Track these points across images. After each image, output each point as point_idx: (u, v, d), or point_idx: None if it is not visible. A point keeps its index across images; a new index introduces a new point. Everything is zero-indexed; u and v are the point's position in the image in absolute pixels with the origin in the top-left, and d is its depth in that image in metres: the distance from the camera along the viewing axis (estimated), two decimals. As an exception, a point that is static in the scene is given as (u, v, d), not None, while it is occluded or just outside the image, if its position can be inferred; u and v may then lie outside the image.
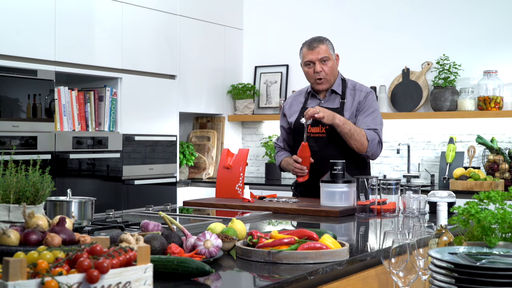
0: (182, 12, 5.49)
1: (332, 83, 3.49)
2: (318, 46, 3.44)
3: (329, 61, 3.44)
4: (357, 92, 3.47)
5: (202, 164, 5.81)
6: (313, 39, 3.50)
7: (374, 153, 3.40)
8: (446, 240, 1.98)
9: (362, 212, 3.00)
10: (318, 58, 3.43)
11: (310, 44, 3.47)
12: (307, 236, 1.98)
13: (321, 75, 3.43)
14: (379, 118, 3.46)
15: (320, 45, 3.44)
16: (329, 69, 3.44)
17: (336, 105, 3.46)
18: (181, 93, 5.47)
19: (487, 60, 5.14)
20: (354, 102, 3.44)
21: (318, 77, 3.44)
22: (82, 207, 2.41)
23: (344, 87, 3.50)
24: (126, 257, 1.36)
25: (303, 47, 3.52)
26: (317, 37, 3.52)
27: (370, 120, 3.41)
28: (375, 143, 3.36)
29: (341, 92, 3.49)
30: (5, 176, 1.94)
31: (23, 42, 4.25)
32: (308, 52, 3.46)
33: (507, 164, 4.78)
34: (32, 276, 1.24)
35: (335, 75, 3.50)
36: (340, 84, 3.51)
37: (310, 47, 3.46)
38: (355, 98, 3.46)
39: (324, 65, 3.43)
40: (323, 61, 3.43)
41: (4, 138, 4.07)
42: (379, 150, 3.42)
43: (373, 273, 2.12)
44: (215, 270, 1.75)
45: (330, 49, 3.47)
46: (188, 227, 2.32)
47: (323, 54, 3.43)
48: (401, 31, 5.50)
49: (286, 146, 3.68)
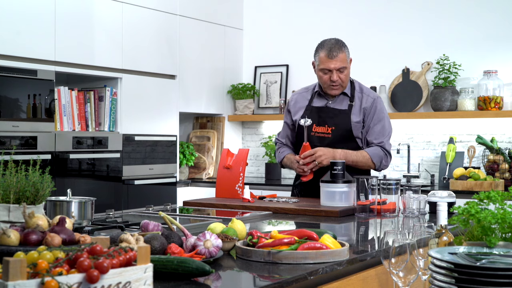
0: (182, 12, 5.49)
1: (345, 88, 3.47)
2: (338, 55, 3.35)
3: (345, 70, 3.39)
4: (365, 96, 3.47)
5: (202, 164, 5.81)
6: (333, 45, 3.37)
7: (383, 168, 3.48)
8: (446, 240, 1.98)
9: (362, 212, 3.00)
10: (336, 68, 3.36)
11: (330, 51, 3.35)
12: (307, 236, 1.98)
13: (337, 83, 3.40)
14: (387, 127, 3.47)
15: (339, 54, 3.35)
16: (345, 77, 3.40)
17: (344, 106, 3.45)
18: (181, 93, 5.47)
19: (487, 60, 5.14)
20: (361, 107, 3.44)
21: (333, 84, 3.40)
22: (82, 207, 2.41)
23: (353, 89, 3.49)
24: (126, 257, 1.36)
25: (321, 50, 3.40)
26: (336, 42, 3.39)
27: (378, 131, 3.43)
28: (381, 161, 3.43)
29: (350, 94, 3.48)
30: (5, 176, 1.94)
31: (23, 42, 4.25)
32: (327, 60, 3.36)
33: (507, 164, 4.78)
34: (32, 276, 1.24)
35: (348, 81, 3.47)
36: (349, 86, 3.49)
37: (330, 55, 3.35)
38: (362, 102, 3.45)
39: (341, 73, 3.38)
40: (340, 71, 3.37)
41: (4, 138, 4.07)
42: (387, 163, 3.48)
43: (373, 273, 2.12)
44: (215, 270, 1.75)
45: (347, 57, 3.40)
46: (188, 227, 2.32)
47: (341, 64, 3.35)
48: (401, 31, 5.50)
49: (288, 143, 3.64)
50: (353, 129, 3.40)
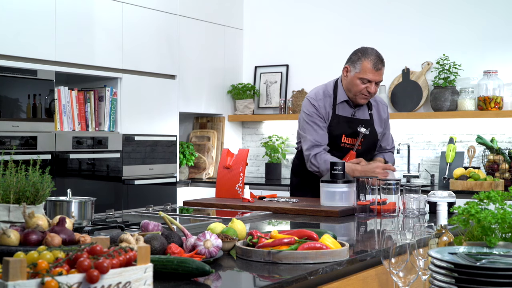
0: (182, 12, 5.49)
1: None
2: (381, 69, 3.38)
3: (380, 83, 3.45)
4: (380, 106, 3.57)
5: (202, 164, 5.81)
6: (379, 59, 3.38)
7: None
8: (446, 240, 1.98)
9: (362, 212, 3.00)
10: (377, 80, 3.39)
11: (376, 63, 3.36)
12: (307, 236, 1.98)
13: (372, 94, 3.43)
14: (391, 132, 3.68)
15: (383, 69, 3.39)
16: (376, 89, 3.44)
17: (366, 116, 3.52)
18: (181, 93, 5.47)
19: (487, 60, 5.14)
20: (381, 117, 3.55)
21: (367, 95, 3.42)
22: (82, 207, 2.41)
23: None
24: (126, 257, 1.36)
25: (365, 59, 3.36)
26: (380, 56, 3.41)
27: (389, 136, 3.63)
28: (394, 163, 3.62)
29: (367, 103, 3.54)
30: (5, 176, 1.94)
31: (23, 42, 4.25)
32: (372, 71, 3.35)
33: (507, 164, 4.78)
34: (32, 276, 1.24)
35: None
36: None
37: (376, 67, 3.36)
38: (380, 112, 3.55)
39: (376, 86, 3.42)
40: (377, 83, 3.41)
41: (4, 138, 4.07)
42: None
43: (373, 273, 2.12)
44: (215, 270, 1.75)
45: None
46: (188, 227, 2.32)
47: (380, 78, 3.40)
48: (401, 31, 5.50)
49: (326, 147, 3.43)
50: (379, 139, 3.54)
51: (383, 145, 3.52)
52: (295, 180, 3.70)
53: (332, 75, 3.82)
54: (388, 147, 3.54)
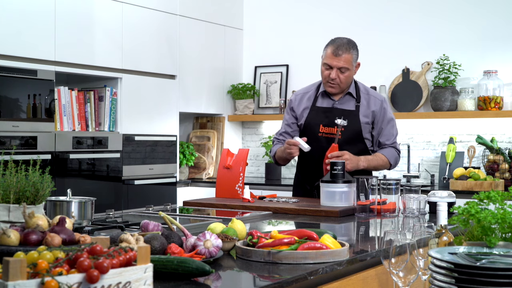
0: (182, 12, 5.49)
1: (342, 90, 3.48)
2: (343, 54, 3.36)
3: (347, 71, 3.40)
4: (372, 98, 3.50)
5: (202, 164, 5.81)
6: (341, 44, 3.39)
7: (396, 166, 3.60)
8: (446, 240, 1.98)
9: (362, 212, 3.00)
10: (338, 66, 3.37)
11: (336, 49, 3.37)
12: (307, 236, 1.98)
13: (335, 81, 3.41)
14: (395, 127, 3.56)
15: (344, 54, 3.36)
16: (344, 78, 3.40)
17: (351, 107, 3.47)
18: (181, 93, 5.47)
19: (487, 60, 5.14)
20: (370, 109, 3.47)
21: (331, 82, 3.42)
22: (82, 207, 2.41)
23: (358, 90, 3.51)
24: (126, 257, 1.36)
25: (329, 46, 3.41)
26: (346, 41, 3.41)
27: (389, 132, 3.51)
28: (396, 160, 3.54)
29: (356, 95, 3.49)
30: (5, 176, 1.94)
31: (23, 42, 4.25)
32: (332, 56, 3.38)
33: (507, 164, 4.78)
34: (32, 276, 1.24)
35: (349, 83, 3.48)
36: (354, 87, 3.51)
37: (335, 52, 3.37)
38: (369, 104, 3.48)
39: (341, 74, 3.39)
40: (341, 70, 3.39)
41: (4, 138, 4.07)
42: (399, 161, 3.60)
43: (373, 273, 2.12)
44: (215, 270, 1.75)
45: (353, 60, 3.41)
46: (188, 227, 2.32)
47: (344, 64, 3.37)
48: (401, 31, 5.50)
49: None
50: (363, 130, 3.44)
51: (381, 141, 3.46)
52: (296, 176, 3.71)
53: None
54: (388, 142, 3.47)
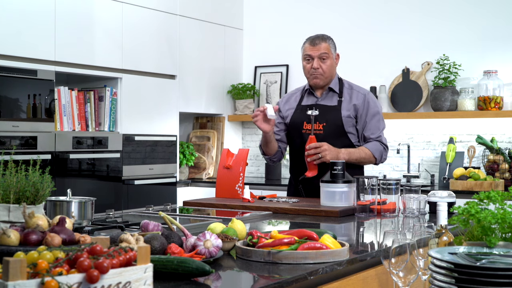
0: (182, 12, 5.49)
1: (327, 81, 3.54)
2: (320, 43, 3.50)
3: (328, 59, 3.50)
4: (355, 92, 3.53)
5: (202, 164, 5.81)
6: (316, 36, 3.55)
7: (383, 161, 3.57)
8: (446, 240, 1.98)
9: (362, 212, 3.00)
10: (318, 54, 3.48)
11: (313, 40, 3.53)
12: (307, 236, 1.98)
13: (318, 71, 3.49)
14: (381, 121, 3.54)
15: (322, 43, 3.50)
16: (327, 67, 3.50)
17: (333, 103, 3.51)
18: (181, 93, 5.47)
19: (487, 60, 5.14)
20: (351, 103, 3.50)
21: (314, 72, 3.50)
22: (82, 207, 2.41)
23: (341, 86, 3.56)
24: (126, 257, 1.36)
25: (305, 42, 3.57)
26: (320, 34, 3.57)
27: (373, 125, 3.50)
28: (382, 155, 3.51)
29: (339, 90, 3.53)
30: (5, 176, 1.94)
31: (23, 42, 4.25)
32: (310, 47, 3.52)
33: (507, 164, 4.78)
34: (32, 276, 1.24)
35: (332, 74, 3.55)
36: (337, 83, 3.57)
37: (312, 43, 3.52)
38: (352, 98, 3.51)
39: (323, 62, 3.49)
40: (322, 58, 3.48)
41: (4, 138, 4.07)
42: (386, 156, 3.56)
43: (373, 273, 2.12)
44: (215, 270, 1.75)
45: (331, 48, 3.53)
46: (188, 227, 2.32)
47: (323, 51, 3.49)
48: (401, 31, 5.50)
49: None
50: (344, 124, 3.45)
51: (366, 135, 3.48)
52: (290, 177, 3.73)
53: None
54: (373, 136, 3.48)
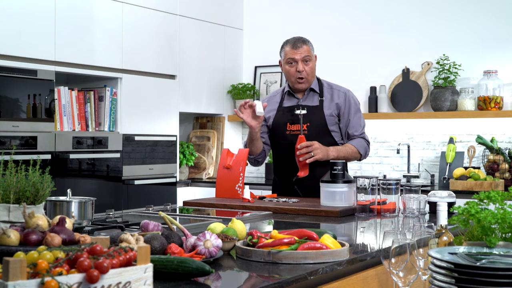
0: (182, 12, 5.49)
1: (311, 83, 3.58)
2: (302, 46, 3.53)
3: (310, 61, 3.53)
4: (335, 91, 3.58)
5: (202, 164, 5.81)
6: (296, 39, 3.57)
7: (366, 156, 3.63)
8: (446, 240, 1.98)
9: (362, 212, 3.00)
10: (301, 57, 3.51)
11: (294, 43, 3.55)
12: (307, 236, 1.98)
13: (303, 74, 3.52)
14: (362, 118, 3.62)
15: (303, 45, 3.54)
16: (310, 69, 3.53)
17: (315, 103, 3.55)
18: (181, 93, 5.47)
19: (487, 60, 5.14)
20: (333, 102, 3.54)
21: (299, 76, 3.53)
22: (82, 207, 2.41)
23: (321, 86, 3.60)
24: (126, 257, 1.36)
25: (285, 45, 3.58)
26: (299, 37, 3.60)
27: (356, 123, 3.56)
28: (366, 150, 3.58)
29: (319, 90, 3.57)
30: (5, 176, 1.94)
31: (23, 42, 4.25)
32: (292, 50, 3.53)
33: (507, 164, 4.78)
34: (32, 276, 1.24)
35: (314, 76, 3.60)
36: (317, 83, 3.61)
37: (294, 46, 3.54)
38: (333, 97, 3.56)
39: (306, 65, 3.52)
40: (305, 60, 3.51)
41: (4, 138, 4.07)
42: (368, 151, 3.63)
43: (373, 273, 2.12)
44: (215, 270, 1.75)
45: (311, 50, 3.57)
46: (188, 227, 2.32)
47: (306, 53, 3.51)
48: (401, 32, 5.50)
49: None
50: (328, 123, 3.50)
51: (350, 132, 3.53)
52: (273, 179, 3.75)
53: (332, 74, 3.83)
54: (357, 133, 3.54)
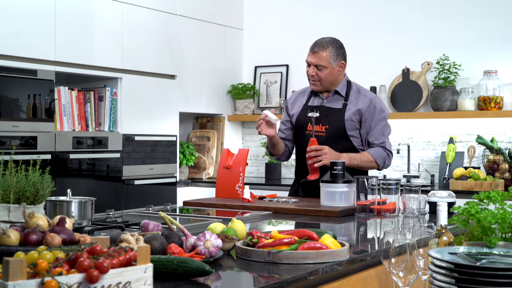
0: (182, 12, 5.49)
1: (326, 87, 3.51)
2: (319, 52, 3.45)
3: (325, 69, 3.44)
4: (361, 96, 3.50)
5: (202, 164, 5.81)
6: (318, 42, 3.48)
7: (386, 167, 3.53)
8: (446, 240, 1.98)
9: (362, 212, 3.00)
10: (313, 63, 3.46)
11: (313, 47, 3.48)
12: (307, 236, 1.98)
13: (314, 78, 3.49)
14: (387, 127, 3.51)
15: (321, 52, 3.44)
16: (324, 75, 3.45)
17: (338, 105, 3.49)
18: (181, 93, 5.47)
19: (487, 60, 5.14)
20: (357, 107, 3.47)
21: (311, 80, 3.51)
22: (82, 207, 2.41)
23: (349, 89, 3.53)
24: (126, 257, 1.36)
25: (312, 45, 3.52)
26: (323, 41, 3.48)
27: (378, 131, 3.47)
28: (384, 161, 3.48)
29: (345, 93, 3.51)
30: (5, 176, 1.94)
31: (23, 42, 4.25)
32: (309, 54, 3.49)
33: (507, 164, 4.78)
34: (32, 276, 1.24)
35: (332, 81, 3.49)
36: (345, 86, 3.53)
37: (312, 50, 3.48)
38: (358, 102, 3.48)
39: (319, 71, 3.46)
40: (318, 68, 3.46)
41: (4, 138, 4.07)
42: (390, 162, 3.53)
43: (373, 273, 2.12)
44: (215, 270, 1.75)
45: (330, 58, 3.44)
46: (188, 227, 2.32)
47: (319, 62, 3.44)
48: (401, 32, 5.50)
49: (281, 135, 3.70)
50: (347, 127, 3.44)
51: (370, 140, 3.47)
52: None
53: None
54: (377, 142, 3.46)
